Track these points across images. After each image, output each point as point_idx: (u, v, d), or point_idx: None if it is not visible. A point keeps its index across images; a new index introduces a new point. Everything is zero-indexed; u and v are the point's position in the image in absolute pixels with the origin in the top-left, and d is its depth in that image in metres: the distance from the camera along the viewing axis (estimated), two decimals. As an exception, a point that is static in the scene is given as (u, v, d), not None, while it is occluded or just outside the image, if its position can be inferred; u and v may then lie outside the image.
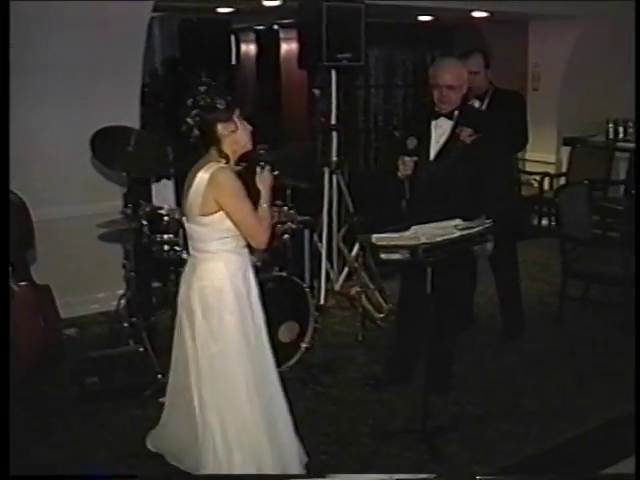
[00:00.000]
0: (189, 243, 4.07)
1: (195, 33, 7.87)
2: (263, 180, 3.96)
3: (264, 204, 3.90)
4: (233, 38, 8.81)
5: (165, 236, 5.41)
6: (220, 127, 3.80)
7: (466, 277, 5.38)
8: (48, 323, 4.96)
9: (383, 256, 4.32)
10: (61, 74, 6.01)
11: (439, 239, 4.25)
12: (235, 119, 3.83)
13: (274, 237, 4.06)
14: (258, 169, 3.98)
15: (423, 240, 4.19)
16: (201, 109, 3.77)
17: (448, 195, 4.88)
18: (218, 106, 3.78)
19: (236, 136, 3.85)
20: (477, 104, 5.81)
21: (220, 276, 3.92)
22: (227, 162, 3.85)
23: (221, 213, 3.81)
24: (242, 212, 3.81)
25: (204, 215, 3.84)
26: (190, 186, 3.85)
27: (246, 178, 3.95)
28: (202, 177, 3.80)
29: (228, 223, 3.84)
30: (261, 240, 3.90)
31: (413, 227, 4.33)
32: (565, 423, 4.90)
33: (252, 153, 4.01)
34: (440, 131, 5.05)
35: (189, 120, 3.79)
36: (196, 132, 3.82)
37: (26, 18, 5.64)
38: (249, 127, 3.93)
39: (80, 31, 5.98)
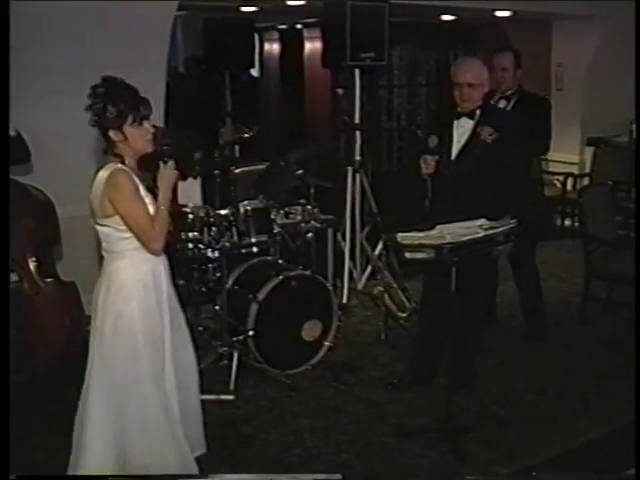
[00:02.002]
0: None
1: (219, 32, 7.87)
2: (163, 177, 3.79)
3: (161, 206, 3.74)
4: (257, 37, 8.83)
5: (190, 234, 5.42)
6: (112, 133, 3.69)
7: (488, 276, 5.38)
8: (73, 319, 4.99)
9: (408, 255, 4.33)
10: (86, 73, 6.01)
11: (464, 239, 4.25)
12: (126, 128, 3.68)
13: (168, 243, 3.88)
14: (161, 165, 3.82)
15: (448, 239, 4.20)
16: (94, 112, 3.68)
17: (470, 194, 4.88)
18: (108, 114, 3.65)
19: (128, 143, 3.71)
20: (503, 104, 5.82)
21: (124, 275, 3.79)
22: (122, 163, 3.71)
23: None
24: (133, 215, 3.68)
25: (105, 216, 3.72)
26: (92, 185, 3.74)
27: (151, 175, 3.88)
28: (100, 177, 3.70)
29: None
30: (153, 247, 3.76)
31: (438, 226, 4.35)
32: (587, 424, 4.90)
33: (155, 151, 3.86)
34: (462, 130, 5.06)
35: (90, 119, 3.71)
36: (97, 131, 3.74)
37: (50, 18, 5.70)
38: (150, 129, 3.77)
39: (104, 30, 6.02)
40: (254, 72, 11.14)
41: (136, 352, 3.82)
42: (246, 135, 6.45)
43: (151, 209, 3.76)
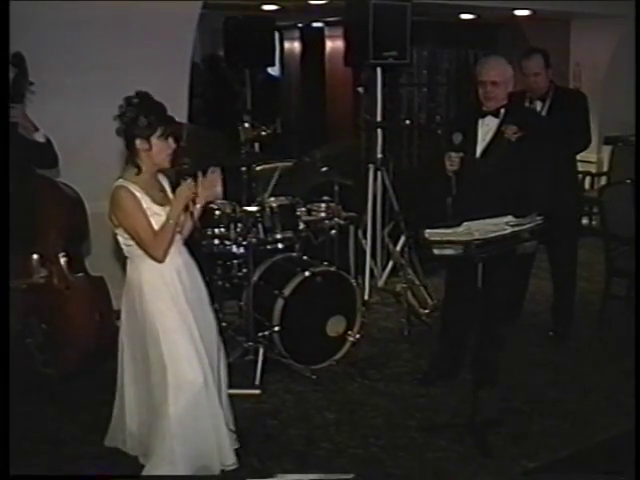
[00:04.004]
0: None
1: (239, 30, 7.91)
2: (179, 194, 4.01)
3: (170, 220, 3.96)
4: (277, 36, 8.87)
5: (216, 230, 5.49)
6: (138, 142, 3.93)
7: (519, 273, 5.43)
8: (103, 314, 5.02)
9: (436, 251, 4.37)
10: (112, 73, 6.08)
11: (492, 235, 4.29)
12: (153, 139, 3.92)
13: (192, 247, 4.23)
14: (181, 181, 4.05)
15: (476, 236, 4.25)
16: (125, 120, 3.93)
17: (494, 192, 4.90)
18: (138, 123, 3.90)
19: (151, 154, 3.96)
20: (539, 105, 5.81)
21: (136, 280, 4.07)
22: (139, 173, 3.97)
23: None
24: (134, 230, 3.96)
25: (114, 226, 4.04)
26: None
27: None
28: (110, 192, 3.99)
29: None
30: (153, 255, 3.99)
31: (465, 223, 4.38)
32: (610, 420, 4.93)
33: (175, 170, 4.13)
34: (486, 129, 5.09)
35: (119, 126, 3.96)
36: (122, 139, 3.98)
37: (76, 19, 5.77)
38: (172, 146, 4.00)
39: (130, 30, 6.08)
40: (274, 71, 11.18)
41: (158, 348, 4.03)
42: (264, 133, 6.48)
43: (154, 221, 3.98)
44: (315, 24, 10.79)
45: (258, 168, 6.29)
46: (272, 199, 5.56)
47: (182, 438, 4.01)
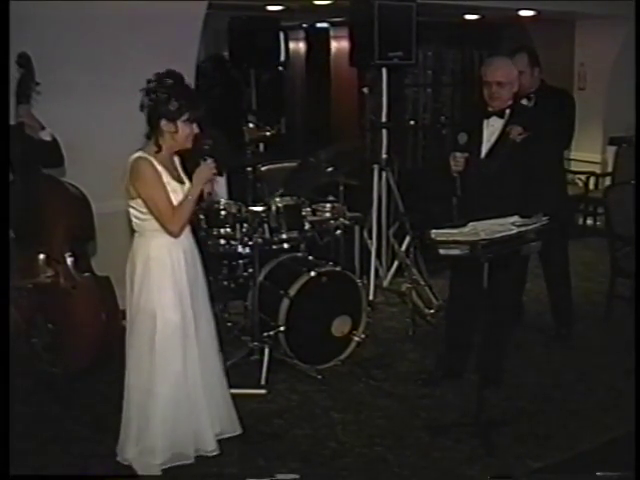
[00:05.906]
0: None
1: (244, 30, 7.92)
2: (200, 173, 4.06)
3: (189, 196, 4.02)
4: (282, 36, 8.88)
5: (222, 230, 5.49)
6: (163, 122, 3.96)
7: (518, 273, 5.43)
8: (109, 314, 5.04)
9: (442, 251, 4.37)
10: (117, 73, 6.10)
11: (498, 235, 4.30)
12: (179, 123, 3.97)
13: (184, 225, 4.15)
14: (201, 162, 4.10)
15: (483, 236, 4.25)
16: (156, 97, 3.94)
17: (499, 193, 4.91)
18: (169, 106, 3.93)
19: (175, 136, 4.00)
20: (524, 102, 5.81)
21: (143, 254, 4.10)
22: (158, 152, 4.01)
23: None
24: (153, 201, 3.98)
25: (130, 198, 4.05)
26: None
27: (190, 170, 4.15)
28: (129, 163, 4.02)
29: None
30: (170, 229, 4.04)
31: (471, 223, 4.39)
32: (615, 420, 4.93)
33: (197, 147, 4.14)
34: (491, 129, 5.09)
35: (144, 101, 3.98)
36: (145, 115, 4.01)
37: (81, 18, 5.79)
38: (196, 130, 4.04)
39: (135, 30, 6.09)
40: (282, 69, 11.18)
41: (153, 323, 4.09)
42: (268, 133, 6.50)
43: (173, 196, 4.02)
44: (320, 24, 10.79)
45: (263, 168, 6.30)
46: (277, 199, 5.57)
47: (163, 425, 4.10)
